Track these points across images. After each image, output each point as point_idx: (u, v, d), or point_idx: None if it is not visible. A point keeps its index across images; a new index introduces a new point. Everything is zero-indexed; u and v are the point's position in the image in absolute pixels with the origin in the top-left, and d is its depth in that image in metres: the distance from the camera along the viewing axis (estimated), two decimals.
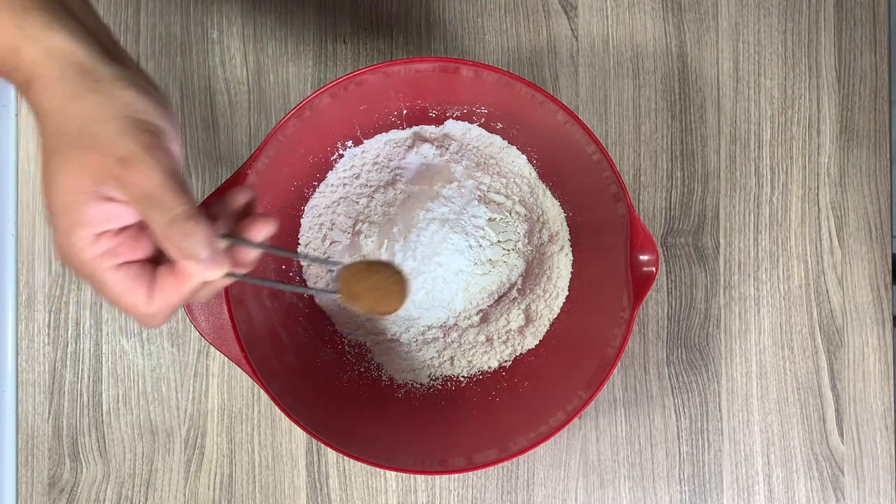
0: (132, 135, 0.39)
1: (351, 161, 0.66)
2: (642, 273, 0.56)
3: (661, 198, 0.71)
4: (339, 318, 0.68)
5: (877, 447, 0.71)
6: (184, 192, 0.40)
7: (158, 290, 0.42)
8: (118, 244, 0.41)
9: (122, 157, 0.39)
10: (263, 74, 0.71)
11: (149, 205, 0.39)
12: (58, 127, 0.40)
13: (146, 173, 0.39)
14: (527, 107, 0.59)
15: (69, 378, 0.69)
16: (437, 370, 0.67)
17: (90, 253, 0.40)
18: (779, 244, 0.72)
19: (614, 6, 0.72)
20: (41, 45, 0.40)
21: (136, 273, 0.42)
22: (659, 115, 0.72)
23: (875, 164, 0.72)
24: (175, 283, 0.42)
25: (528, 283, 0.67)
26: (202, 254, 0.41)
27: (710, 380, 0.71)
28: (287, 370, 0.61)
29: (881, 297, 0.71)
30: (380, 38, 0.71)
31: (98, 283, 0.41)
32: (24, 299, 0.69)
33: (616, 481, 0.70)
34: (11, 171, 0.70)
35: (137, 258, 0.42)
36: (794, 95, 0.72)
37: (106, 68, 0.41)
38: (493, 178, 0.67)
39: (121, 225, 0.41)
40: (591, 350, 0.60)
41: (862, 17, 0.72)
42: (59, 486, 0.69)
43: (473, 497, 0.70)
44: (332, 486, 0.70)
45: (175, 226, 0.40)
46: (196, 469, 0.69)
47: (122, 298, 0.41)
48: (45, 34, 0.40)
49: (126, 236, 0.41)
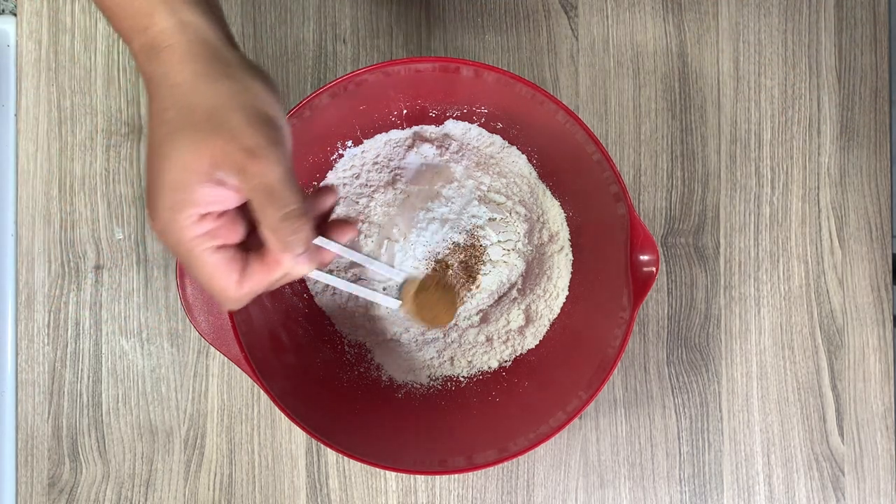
0: (259, 127, 0.41)
1: (351, 161, 0.66)
2: (642, 273, 0.56)
3: (661, 198, 0.71)
4: (339, 318, 0.68)
5: (877, 447, 0.71)
6: (298, 189, 0.42)
7: (248, 276, 0.43)
8: (219, 227, 0.42)
9: (249, 148, 0.40)
10: None
11: (267, 197, 0.40)
12: (186, 102, 0.40)
13: (270, 167, 0.40)
14: (527, 107, 0.59)
15: (69, 378, 0.69)
16: (437, 370, 0.67)
17: (193, 232, 0.41)
18: (779, 244, 0.72)
19: (614, 6, 0.72)
20: (177, 16, 0.41)
21: (231, 256, 0.43)
22: (659, 115, 0.72)
23: (875, 164, 0.72)
24: (264, 270, 0.43)
25: (528, 283, 0.67)
26: (300, 250, 0.42)
27: (711, 380, 0.71)
28: (287, 370, 0.61)
29: (881, 298, 0.71)
30: (380, 38, 0.71)
31: (195, 261, 0.42)
32: (23, 299, 0.69)
33: (616, 481, 0.70)
34: (11, 171, 0.70)
35: (233, 242, 0.43)
36: (795, 95, 0.72)
37: (232, 53, 0.42)
38: (493, 178, 0.67)
39: (224, 209, 0.42)
40: (591, 350, 0.60)
41: (862, 17, 0.72)
42: (58, 486, 0.69)
43: (473, 497, 0.70)
44: (332, 487, 0.70)
45: (287, 221, 0.41)
46: (196, 469, 0.69)
47: (216, 280, 0.42)
48: (182, 5, 0.41)
49: (226, 220, 0.42)
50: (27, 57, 0.70)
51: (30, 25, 0.70)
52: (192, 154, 0.40)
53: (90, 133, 0.70)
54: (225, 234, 0.42)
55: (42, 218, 0.69)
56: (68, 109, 0.70)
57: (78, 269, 0.69)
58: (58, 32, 0.70)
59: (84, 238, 0.69)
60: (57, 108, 0.70)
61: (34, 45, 0.70)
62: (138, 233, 0.70)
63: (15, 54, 0.70)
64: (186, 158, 0.40)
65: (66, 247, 0.69)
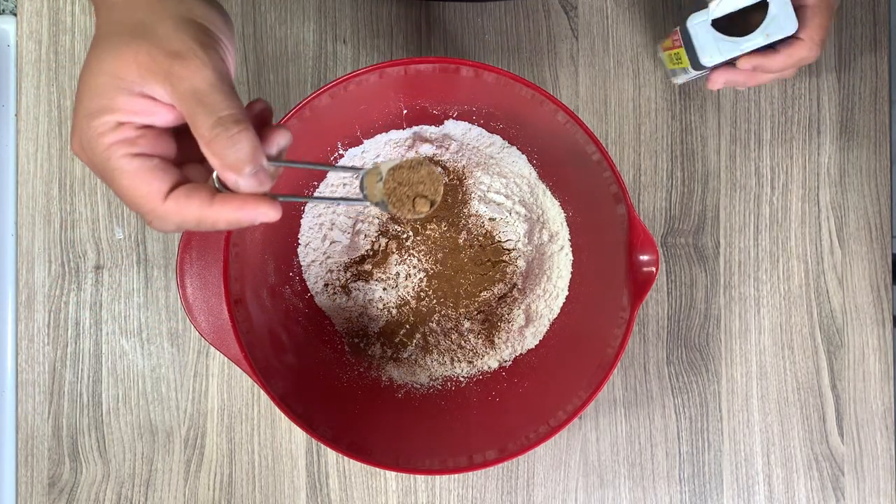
0: (189, 32, 0.39)
1: (351, 161, 0.66)
2: (642, 273, 0.56)
3: (661, 198, 0.71)
4: (339, 318, 0.68)
5: (877, 447, 0.71)
6: (234, 96, 0.38)
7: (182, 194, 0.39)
8: (139, 136, 0.39)
9: (175, 51, 0.38)
10: (263, 74, 0.71)
11: (195, 103, 0.37)
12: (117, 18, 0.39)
13: (198, 69, 0.38)
14: (527, 107, 0.59)
15: (69, 378, 0.69)
16: (436, 370, 0.67)
17: (109, 139, 0.38)
18: (779, 244, 0.72)
19: (614, 6, 0.72)
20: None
21: (154, 165, 0.39)
22: (659, 115, 0.72)
23: (875, 164, 0.72)
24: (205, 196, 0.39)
25: (528, 283, 0.67)
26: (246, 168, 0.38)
27: (710, 380, 0.71)
28: (287, 370, 0.61)
29: (881, 298, 0.71)
30: (380, 38, 0.71)
31: (111, 170, 0.39)
32: (23, 299, 0.69)
33: (616, 481, 0.70)
34: (11, 171, 0.70)
35: (157, 154, 0.39)
36: (794, 95, 0.72)
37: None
38: (493, 178, 0.67)
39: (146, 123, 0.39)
40: (591, 350, 0.60)
41: (862, 17, 0.72)
42: (58, 486, 0.69)
43: (473, 497, 0.70)
44: (332, 487, 0.70)
45: (220, 128, 0.37)
46: (196, 469, 0.69)
47: (135, 188, 0.38)
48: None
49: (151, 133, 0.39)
50: (27, 57, 0.70)
51: (30, 25, 0.70)
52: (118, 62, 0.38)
53: None
54: (145, 144, 0.39)
55: (42, 218, 0.69)
56: (68, 109, 0.70)
57: (78, 269, 0.69)
58: (58, 32, 0.70)
59: (84, 238, 0.69)
60: (57, 108, 0.70)
61: (34, 45, 0.70)
62: (138, 233, 0.70)
63: (15, 54, 0.70)
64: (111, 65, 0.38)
65: (66, 247, 0.69)
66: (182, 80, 0.38)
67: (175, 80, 0.38)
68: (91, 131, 0.38)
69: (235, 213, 0.39)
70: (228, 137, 0.37)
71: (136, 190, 0.39)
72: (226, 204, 0.39)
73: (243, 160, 0.37)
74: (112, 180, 0.39)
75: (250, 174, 0.38)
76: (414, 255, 0.67)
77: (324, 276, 0.67)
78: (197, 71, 0.38)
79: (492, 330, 0.67)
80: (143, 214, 0.40)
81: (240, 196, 0.39)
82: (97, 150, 0.38)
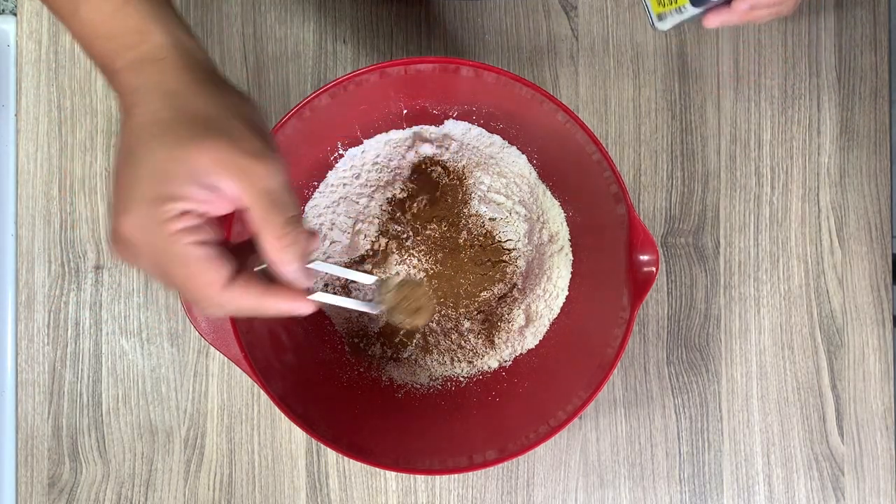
0: (260, 134, 0.41)
1: (351, 161, 0.66)
2: (642, 273, 0.56)
3: (661, 198, 0.71)
4: (339, 318, 0.68)
5: (877, 447, 0.71)
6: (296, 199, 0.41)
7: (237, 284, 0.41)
8: (202, 224, 0.40)
9: (252, 152, 0.39)
10: (263, 74, 0.71)
11: (270, 202, 0.40)
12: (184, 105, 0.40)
13: (275, 171, 0.40)
14: (527, 107, 0.59)
15: (69, 378, 0.69)
16: (436, 370, 0.67)
17: (176, 225, 0.39)
18: (779, 244, 0.72)
19: (614, 6, 0.72)
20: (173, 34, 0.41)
21: (218, 253, 0.40)
22: (659, 115, 0.72)
23: (875, 164, 0.72)
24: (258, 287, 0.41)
25: (528, 283, 0.67)
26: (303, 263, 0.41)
27: (711, 380, 0.71)
28: (287, 370, 0.61)
29: (881, 298, 0.71)
30: (380, 38, 0.71)
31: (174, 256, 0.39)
32: (23, 299, 0.69)
33: (616, 481, 0.70)
34: (11, 171, 0.70)
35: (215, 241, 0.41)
36: (794, 95, 0.72)
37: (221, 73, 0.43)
38: (493, 178, 0.67)
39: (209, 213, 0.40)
40: (591, 350, 0.60)
41: (862, 17, 0.72)
42: (58, 486, 0.69)
43: (473, 497, 0.70)
44: (332, 487, 0.70)
45: (291, 227, 0.40)
46: (196, 469, 0.69)
47: (199, 276, 0.40)
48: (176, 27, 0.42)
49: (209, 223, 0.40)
50: (27, 57, 0.70)
51: (30, 25, 0.70)
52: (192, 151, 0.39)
53: (90, 133, 0.70)
54: (208, 233, 0.40)
55: (42, 218, 0.69)
56: (68, 109, 0.70)
57: (78, 269, 0.69)
58: (58, 32, 0.70)
59: (84, 238, 0.69)
60: (57, 108, 0.70)
61: (34, 45, 0.70)
62: None
63: (15, 54, 0.70)
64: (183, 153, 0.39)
65: (66, 247, 0.69)
66: (260, 179, 0.39)
67: (253, 179, 0.39)
68: (158, 216, 0.39)
69: (287, 304, 0.42)
70: (297, 234, 0.40)
71: (200, 278, 0.40)
72: (279, 296, 0.42)
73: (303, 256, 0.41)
74: (172, 267, 0.40)
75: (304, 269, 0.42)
76: (414, 256, 0.67)
77: (324, 276, 0.67)
78: (273, 172, 0.40)
79: (492, 330, 0.67)
80: (197, 301, 0.41)
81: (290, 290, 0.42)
82: (161, 235, 0.39)
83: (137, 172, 0.39)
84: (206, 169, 0.39)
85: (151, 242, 0.39)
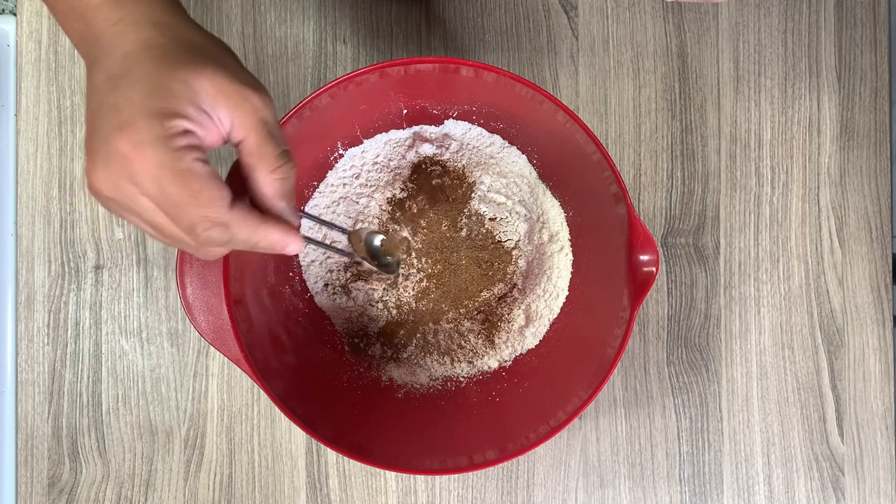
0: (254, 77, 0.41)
1: (351, 161, 0.66)
2: (642, 273, 0.56)
3: (661, 198, 0.71)
4: (339, 318, 0.68)
5: (877, 447, 0.71)
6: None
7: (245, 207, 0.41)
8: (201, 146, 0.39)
9: (250, 83, 0.40)
10: (263, 74, 0.70)
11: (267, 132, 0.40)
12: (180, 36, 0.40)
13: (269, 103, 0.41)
14: (527, 107, 0.59)
15: (69, 378, 0.69)
16: (436, 370, 0.67)
17: (181, 141, 0.38)
18: (779, 244, 0.72)
19: (614, 6, 0.72)
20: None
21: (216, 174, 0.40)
22: (659, 115, 0.72)
23: (875, 164, 0.72)
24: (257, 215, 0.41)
25: (528, 283, 0.67)
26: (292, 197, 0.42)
27: (711, 380, 0.71)
28: (287, 370, 0.61)
29: (881, 298, 0.71)
30: (380, 38, 0.71)
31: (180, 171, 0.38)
32: (23, 299, 0.69)
33: (616, 481, 0.70)
34: (11, 170, 0.70)
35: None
36: (794, 95, 0.72)
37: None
38: (493, 178, 0.67)
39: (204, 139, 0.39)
40: (591, 350, 0.60)
41: (862, 17, 0.72)
42: (58, 486, 0.69)
43: (473, 497, 0.70)
44: (332, 486, 0.70)
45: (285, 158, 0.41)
46: (196, 469, 0.69)
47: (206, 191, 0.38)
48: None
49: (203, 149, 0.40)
50: (27, 57, 0.70)
51: (30, 25, 0.70)
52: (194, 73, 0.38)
53: None
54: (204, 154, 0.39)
55: (42, 218, 0.69)
56: (68, 109, 0.70)
57: (78, 269, 0.69)
58: (58, 32, 0.70)
59: (84, 238, 0.69)
60: (57, 108, 0.70)
61: (34, 45, 0.70)
62: (138, 233, 0.70)
63: (15, 54, 0.70)
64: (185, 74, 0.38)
65: (66, 247, 0.69)
66: (258, 110, 0.40)
67: (251, 109, 0.40)
68: (163, 130, 0.37)
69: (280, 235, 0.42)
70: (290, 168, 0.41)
71: (207, 193, 0.39)
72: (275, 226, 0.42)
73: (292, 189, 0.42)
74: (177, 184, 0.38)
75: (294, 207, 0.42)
76: (414, 255, 0.67)
77: (324, 276, 0.67)
78: (269, 105, 0.41)
79: (492, 330, 0.67)
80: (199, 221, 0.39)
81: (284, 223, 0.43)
82: (166, 149, 0.37)
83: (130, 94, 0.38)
84: (206, 94, 0.39)
85: (153, 157, 0.37)
